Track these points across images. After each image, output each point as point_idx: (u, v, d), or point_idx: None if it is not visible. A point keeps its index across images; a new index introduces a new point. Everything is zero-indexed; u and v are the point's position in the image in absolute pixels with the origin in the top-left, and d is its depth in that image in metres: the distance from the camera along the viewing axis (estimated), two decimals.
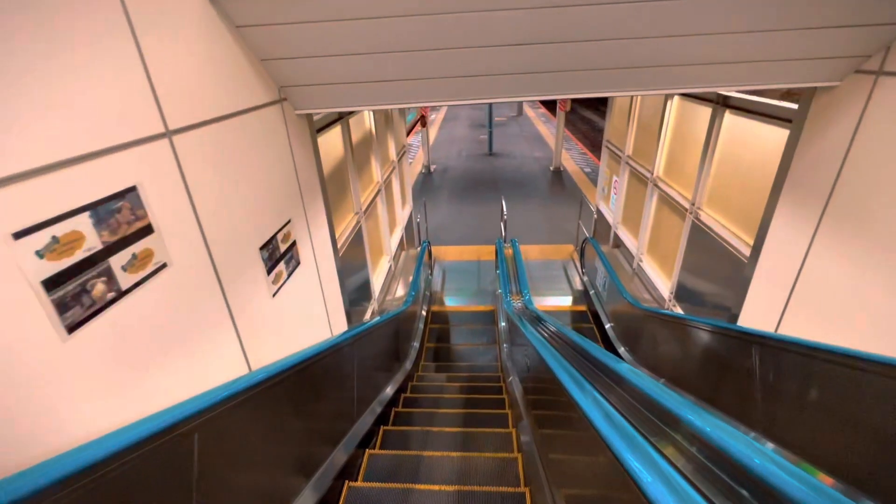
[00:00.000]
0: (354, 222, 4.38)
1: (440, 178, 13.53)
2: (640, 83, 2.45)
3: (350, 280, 4.18)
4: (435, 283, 7.56)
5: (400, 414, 3.63)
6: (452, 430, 3.26)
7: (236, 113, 2.02)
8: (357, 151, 4.69)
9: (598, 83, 2.48)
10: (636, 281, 5.81)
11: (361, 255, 4.66)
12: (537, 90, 2.53)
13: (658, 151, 5.13)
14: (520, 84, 2.49)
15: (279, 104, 2.47)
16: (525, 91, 2.54)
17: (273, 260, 2.34)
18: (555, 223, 9.85)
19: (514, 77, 2.44)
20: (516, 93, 2.56)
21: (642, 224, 5.61)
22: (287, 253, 2.52)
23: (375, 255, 5.55)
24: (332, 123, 3.83)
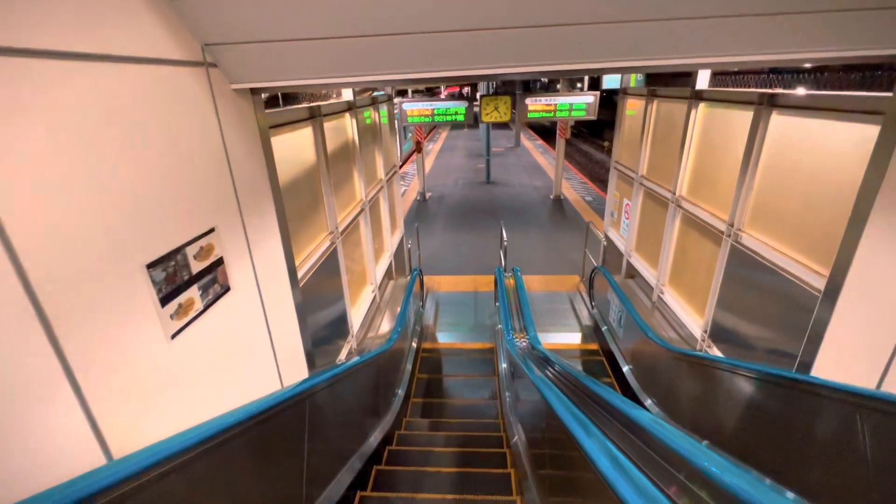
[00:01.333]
0: (327, 243, 3.65)
1: (436, 205, 12.94)
2: (660, 48, 1.83)
3: (318, 314, 3.41)
4: (427, 316, 6.76)
5: (368, 501, 2.77)
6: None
7: (119, 58, 1.33)
8: (335, 161, 4.03)
9: (601, 47, 1.85)
10: (657, 316, 5.05)
11: (336, 282, 3.91)
12: (525, 58, 1.90)
13: (680, 168, 4.50)
14: (502, 49, 1.86)
15: (202, 69, 1.80)
16: (508, 58, 1.90)
17: (174, 284, 1.59)
18: (558, 252, 9.16)
19: (495, 35, 1.80)
20: (498, 61, 1.91)
21: (662, 251, 4.91)
22: (205, 275, 1.78)
23: (356, 283, 4.80)
24: (299, 122, 3.18)
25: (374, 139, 5.56)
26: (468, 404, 4.82)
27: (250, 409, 1.64)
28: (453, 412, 4.69)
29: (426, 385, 4.98)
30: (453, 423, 4.37)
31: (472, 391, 5.00)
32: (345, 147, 4.38)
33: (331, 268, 3.78)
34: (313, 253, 3.34)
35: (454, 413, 4.67)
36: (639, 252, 5.87)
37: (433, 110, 9.12)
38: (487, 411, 4.64)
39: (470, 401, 4.88)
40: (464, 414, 4.65)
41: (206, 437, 1.37)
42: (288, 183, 2.97)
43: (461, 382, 5.07)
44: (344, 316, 4.08)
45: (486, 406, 4.72)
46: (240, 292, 2.05)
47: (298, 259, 3.09)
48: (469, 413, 4.66)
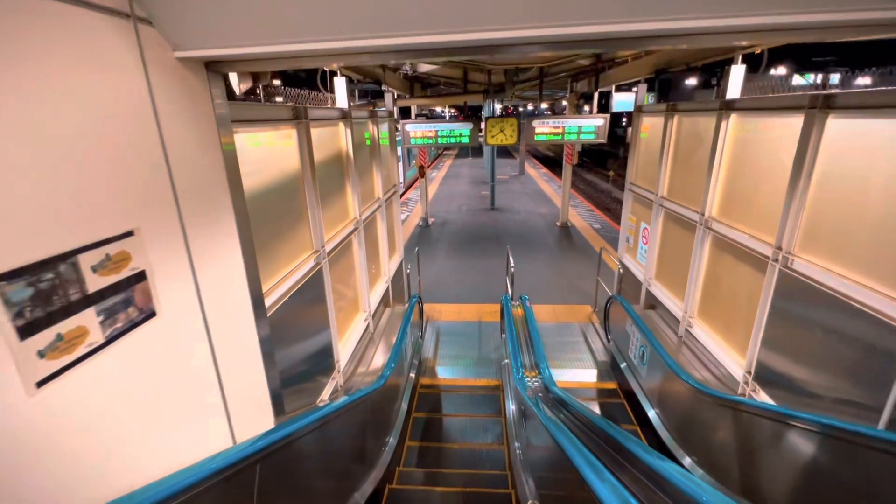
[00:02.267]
0: (310, 263, 3.17)
1: (438, 230, 12.52)
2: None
3: (294, 347, 2.89)
4: (426, 347, 6.19)
5: None
6: None
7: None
8: (324, 172, 3.60)
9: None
10: (685, 352, 4.48)
11: (320, 309, 3.40)
12: (546, 16, 1.45)
13: (710, 186, 4.04)
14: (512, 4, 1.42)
15: (128, 23, 1.36)
16: (520, 17, 1.46)
17: (49, 306, 1.10)
18: (567, 281, 8.64)
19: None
20: (507, 21, 1.47)
21: (690, 279, 4.39)
22: (111, 294, 1.28)
23: (346, 310, 4.28)
24: (280, 122, 2.76)
25: (373, 155, 5.17)
26: (471, 451, 4.19)
27: (156, 491, 1.11)
28: (454, 460, 4.06)
29: (424, 427, 4.37)
30: (454, 476, 3.75)
31: (475, 435, 4.37)
32: (337, 159, 3.97)
33: (314, 292, 3.29)
34: (292, 274, 2.85)
35: (455, 461, 4.04)
36: (660, 280, 5.35)
37: (437, 132, 8.84)
38: (493, 461, 4.01)
39: (473, 445, 4.26)
40: (466, 463, 4.02)
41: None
42: (260, 189, 2.52)
43: (463, 425, 4.45)
44: (329, 348, 3.55)
45: (492, 455, 4.09)
46: (172, 319, 1.54)
47: (271, 280, 2.60)
48: (472, 462, 4.03)
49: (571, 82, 11.86)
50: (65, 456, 1.14)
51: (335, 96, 4.13)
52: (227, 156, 1.87)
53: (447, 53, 1.69)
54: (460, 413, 4.67)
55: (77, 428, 1.17)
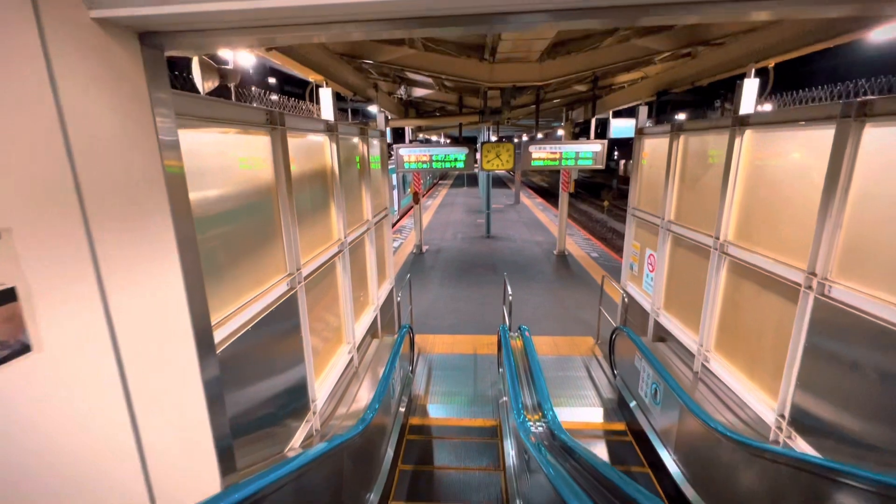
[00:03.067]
0: (282, 288, 2.77)
1: (432, 258, 12.16)
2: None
3: (255, 387, 2.45)
4: (417, 383, 5.70)
5: None
6: None
7: None
8: (303, 187, 3.26)
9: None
10: (702, 389, 4.05)
11: (293, 341, 2.97)
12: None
13: (724, 208, 3.74)
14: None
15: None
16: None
17: None
18: (566, 311, 8.23)
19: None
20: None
21: (705, 309, 4.02)
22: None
23: (327, 342, 3.85)
24: (249, 125, 2.43)
25: (362, 175, 4.86)
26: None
27: None
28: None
29: (412, 480, 3.85)
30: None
31: (469, 490, 3.85)
32: (320, 175, 3.64)
33: (287, 321, 2.87)
34: (259, 299, 2.45)
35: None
36: (670, 310, 4.97)
37: (431, 156, 8.62)
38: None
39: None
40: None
41: None
42: (218, 200, 2.16)
43: (457, 478, 3.93)
44: (303, 387, 3.10)
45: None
46: (60, 356, 1.14)
47: (228, 306, 2.19)
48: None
49: (567, 111, 11.85)
50: None
51: (321, 108, 3.85)
52: (166, 154, 1.51)
53: (442, 23, 1.37)
54: (454, 465, 4.15)
55: None
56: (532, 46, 4.12)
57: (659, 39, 4.59)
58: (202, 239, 1.97)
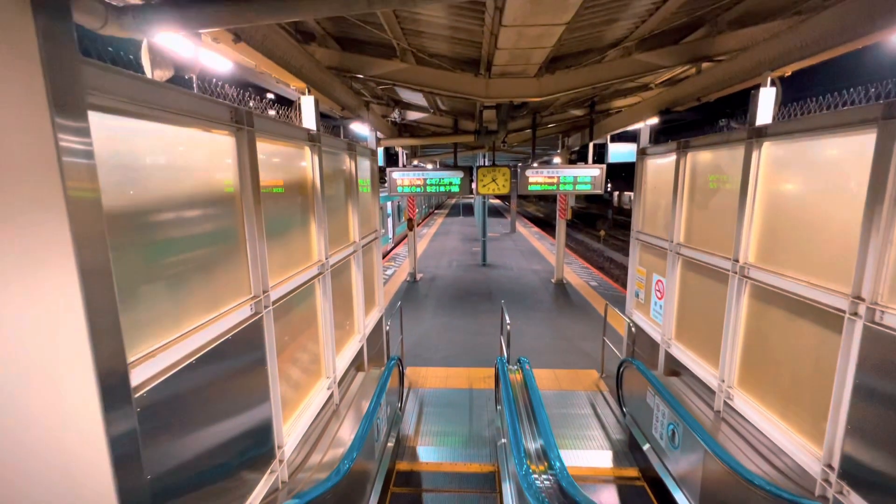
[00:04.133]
0: (244, 312, 2.36)
1: (427, 286, 11.74)
2: None
3: (199, 435, 2.00)
4: (407, 422, 5.18)
5: None
6: None
7: None
8: (275, 199, 2.90)
9: None
10: (725, 430, 3.59)
11: (256, 376, 2.53)
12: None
13: (742, 228, 3.41)
14: None
15: None
16: None
17: None
18: (566, 342, 7.78)
19: None
20: None
21: (726, 339, 3.62)
22: None
23: (301, 376, 3.39)
24: (207, 121, 2.09)
25: (349, 193, 4.53)
26: None
27: None
28: None
29: None
30: None
31: None
32: (298, 187, 3.29)
33: (248, 352, 2.45)
34: (208, 326, 2.03)
35: None
36: (683, 341, 4.56)
37: (425, 180, 8.38)
38: None
39: None
40: None
41: None
42: (154, 201, 1.78)
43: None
44: (267, 430, 2.63)
45: None
46: None
47: (161, 335, 1.77)
48: None
49: (563, 137, 11.77)
50: None
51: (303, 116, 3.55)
52: (62, 134, 1.15)
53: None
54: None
55: None
56: (530, 58, 3.89)
57: (661, 55, 4.40)
58: (125, 247, 1.59)
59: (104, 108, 1.49)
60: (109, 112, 1.53)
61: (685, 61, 4.38)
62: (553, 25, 3.04)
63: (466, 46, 4.24)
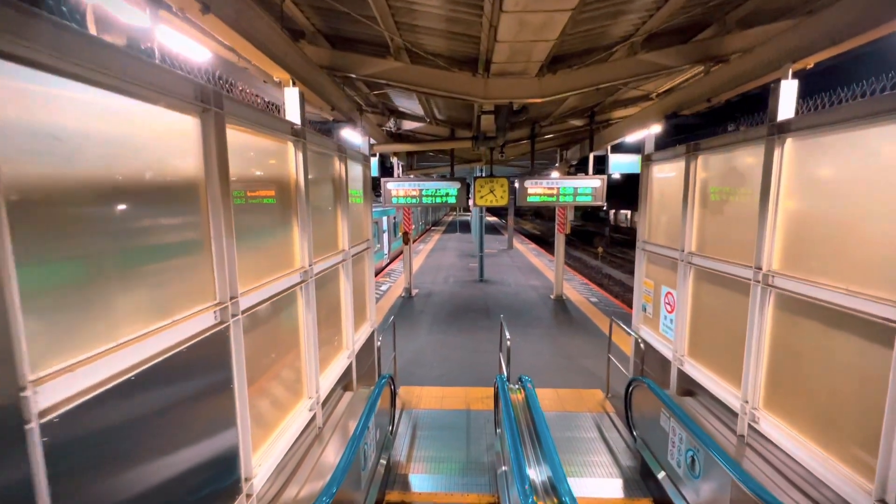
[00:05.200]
0: (207, 320, 2.03)
1: (422, 302, 11.38)
2: None
3: (142, 468, 1.64)
4: (398, 446, 4.77)
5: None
6: None
7: None
8: (249, 195, 2.60)
9: None
10: (751, 457, 3.23)
11: (219, 396, 2.18)
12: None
13: (764, 233, 3.12)
14: None
15: None
16: None
17: None
18: (568, 360, 7.41)
19: None
20: None
21: (749, 356, 3.30)
22: None
23: (278, 397, 3.03)
24: (161, 95, 1.79)
25: (337, 197, 4.23)
26: None
27: None
28: None
29: None
30: None
31: None
32: (279, 185, 3.00)
33: (209, 368, 2.10)
34: (155, 335, 1.70)
35: None
36: (697, 357, 4.22)
37: (421, 191, 8.13)
38: None
39: None
40: None
41: None
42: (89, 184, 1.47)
43: None
44: (231, 460, 2.26)
45: None
46: None
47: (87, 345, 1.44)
48: None
49: (561, 150, 11.61)
50: None
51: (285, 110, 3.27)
52: None
53: None
54: None
55: None
56: (531, 54, 3.66)
57: (668, 54, 4.19)
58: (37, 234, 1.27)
59: (16, 58, 1.19)
60: (25, 64, 1.23)
61: (693, 61, 4.18)
62: (557, 11, 2.81)
63: (464, 42, 4.02)
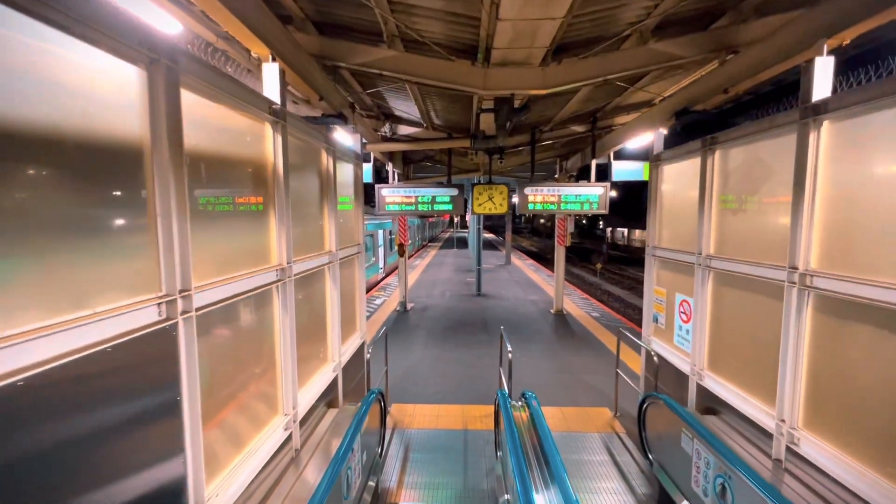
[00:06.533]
0: (148, 316, 1.64)
1: (418, 316, 10.94)
2: None
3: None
4: (388, 471, 4.30)
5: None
6: None
7: None
8: (213, 175, 2.24)
9: None
10: (792, 484, 2.81)
11: (165, 410, 1.77)
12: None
13: (800, 228, 2.78)
14: None
15: None
16: None
17: None
18: (571, 376, 6.97)
19: None
20: None
21: (784, 368, 2.91)
22: None
23: (245, 414, 2.60)
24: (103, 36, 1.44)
25: (324, 194, 3.88)
26: None
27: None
28: None
29: None
30: None
31: None
32: (253, 168, 2.64)
33: (151, 373, 1.70)
34: (69, 328, 1.31)
35: None
36: (719, 371, 3.83)
37: (416, 198, 7.80)
38: None
39: None
40: None
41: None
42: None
43: None
44: (176, 492, 1.84)
45: None
46: None
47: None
48: None
49: (561, 161, 11.39)
50: None
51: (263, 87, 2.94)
52: None
53: None
54: None
55: None
56: (535, 37, 3.37)
57: (681, 44, 3.93)
58: None
59: None
60: None
61: (707, 51, 3.91)
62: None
63: (463, 26, 3.74)
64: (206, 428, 2.07)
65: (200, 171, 2.12)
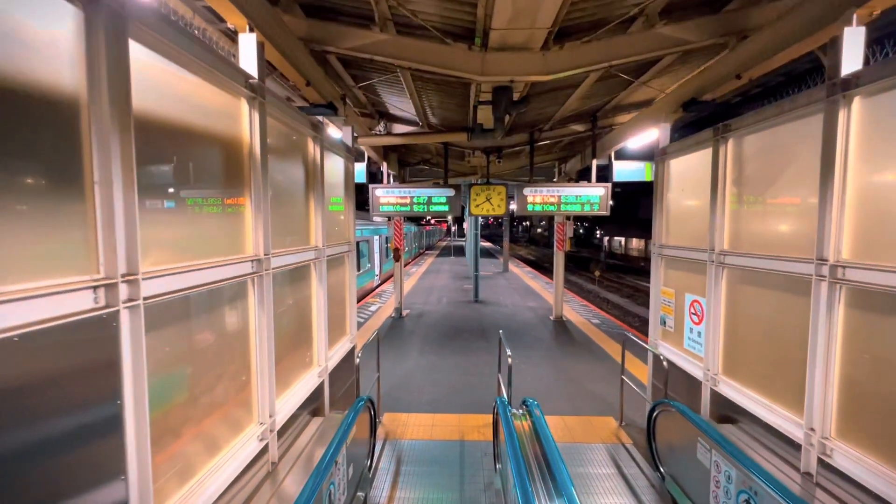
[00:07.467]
0: (82, 304, 1.36)
1: (413, 323, 10.62)
2: None
3: None
4: (378, 487, 3.97)
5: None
6: None
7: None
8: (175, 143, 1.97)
9: None
10: (824, 499, 2.52)
11: (102, 419, 1.48)
12: None
13: (829, 219, 2.53)
14: None
15: None
16: None
17: None
18: (573, 384, 6.67)
19: None
20: None
21: (813, 371, 2.64)
22: None
23: (210, 423, 2.30)
24: None
25: (310, 185, 3.61)
26: None
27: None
28: None
29: None
30: None
31: None
32: (225, 144, 2.37)
33: (79, 375, 1.42)
34: None
35: None
36: (736, 376, 3.55)
37: (412, 198, 7.55)
38: None
39: None
40: None
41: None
42: None
43: None
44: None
45: None
46: None
47: None
48: None
49: (559, 165, 11.19)
50: None
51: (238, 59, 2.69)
52: None
53: None
54: None
55: None
56: (536, 17, 3.15)
57: (689, 28, 3.72)
58: None
59: None
60: None
61: (716, 35, 3.70)
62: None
63: (459, 5, 3.50)
64: (158, 442, 1.77)
65: (161, 143, 1.85)
